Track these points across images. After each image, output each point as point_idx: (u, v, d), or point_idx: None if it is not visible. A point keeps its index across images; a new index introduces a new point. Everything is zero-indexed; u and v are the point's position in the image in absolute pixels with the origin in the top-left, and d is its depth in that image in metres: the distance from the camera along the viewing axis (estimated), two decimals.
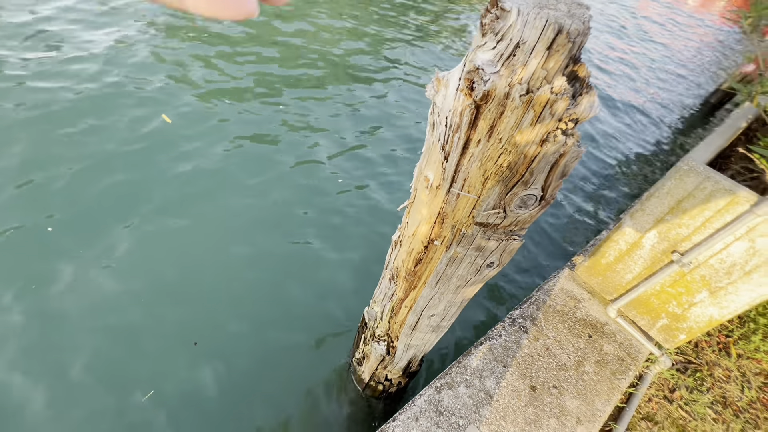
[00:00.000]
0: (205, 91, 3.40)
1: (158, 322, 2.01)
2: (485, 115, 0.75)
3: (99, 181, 2.53)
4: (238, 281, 2.27)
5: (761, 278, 1.38)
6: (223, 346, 2.00)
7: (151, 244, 2.30)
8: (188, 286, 2.19)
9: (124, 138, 2.82)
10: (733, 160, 1.91)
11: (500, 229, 0.90)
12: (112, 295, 2.06)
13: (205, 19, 4.13)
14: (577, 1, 0.70)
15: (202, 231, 2.44)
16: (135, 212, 2.43)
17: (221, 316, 2.12)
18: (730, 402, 1.79)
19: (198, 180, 2.70)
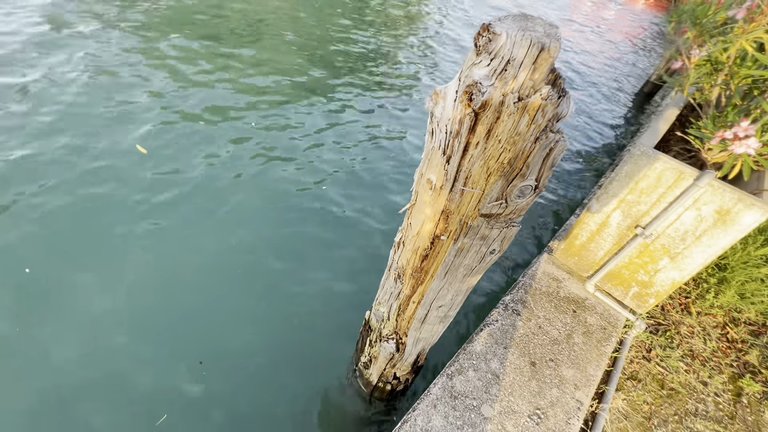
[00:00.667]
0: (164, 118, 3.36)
1: (159, 346, 1.98)
2: (483, 121, 0.88)
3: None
4: (226, 303, 2.27)
5: (709, 240, 1.61)
6: (226, 366, 2.00)
7: (141, 264, 2.25)
8: (180, 305, 2.17)
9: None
10: (673, 143, 2.19)
11: (501, 218, 1.03)
12: (106, 327, 2.00)
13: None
14: (549, 23, 0.85)
15: (189, 249, 2.42)
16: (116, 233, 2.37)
17: (219, 336, 2.11)
18: (697, 354, 2.03)
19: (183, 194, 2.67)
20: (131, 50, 3.98)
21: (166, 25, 4.53)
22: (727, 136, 1.36)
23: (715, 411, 1.80)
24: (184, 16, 4.83)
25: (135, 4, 4.82)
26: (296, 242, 2.67)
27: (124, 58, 3.84)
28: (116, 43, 4.04)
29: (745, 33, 1.41)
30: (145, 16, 4.61)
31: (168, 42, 4.26)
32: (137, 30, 4.32)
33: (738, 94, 1.65)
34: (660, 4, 12.35)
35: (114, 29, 4.22)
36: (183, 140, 3.15)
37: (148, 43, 4.15)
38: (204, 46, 4.35)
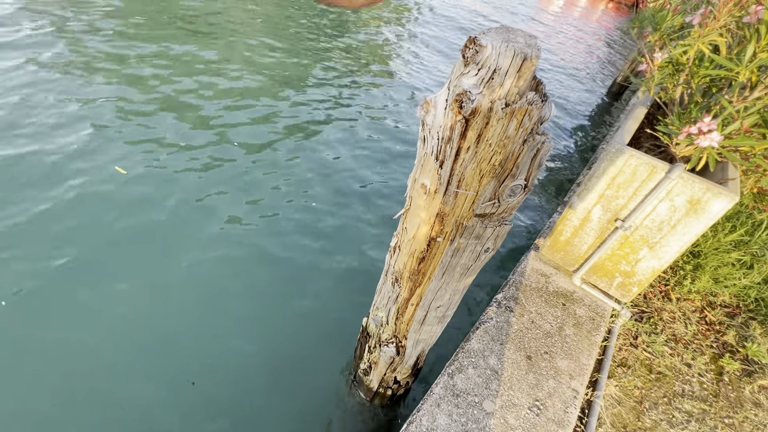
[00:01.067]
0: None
1: (152, 368, 1.94)
2: (473, 127, 0.94)
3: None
4: (214, 325, 2.25)
5: (684, 228, 1.71)
6: (219, 384, 1.98)
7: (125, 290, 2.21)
8: (169, 324, 2.13)
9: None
10: (644, 140, 2.32)
11: (495, 217, 1.09)
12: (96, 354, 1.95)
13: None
14: (529, 34, 0.92)
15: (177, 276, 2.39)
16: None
17: (210, 354, 2.09)
18: (679, 338, 2.14)
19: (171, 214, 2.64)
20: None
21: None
22: (692, 132, 1.47)
23: (700, 390, 1.90)
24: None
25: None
26: (287, 256, 2.68)
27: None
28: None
29: (701, 37, 1.54)
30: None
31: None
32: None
33: (699, 92, 1.78)
34: (621, 9, 13.00)
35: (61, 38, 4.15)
36: (160, 155, 3.12)
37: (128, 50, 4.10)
38: (163, 48, 4.33)
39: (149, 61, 4.19)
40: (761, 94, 1.48)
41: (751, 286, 2.45)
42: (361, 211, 3.15)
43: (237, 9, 5.72)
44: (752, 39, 1.42)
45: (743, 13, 1.46)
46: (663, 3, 2.19)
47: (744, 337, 2.21)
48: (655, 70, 1.79)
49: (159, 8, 5.31)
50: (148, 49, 4.36)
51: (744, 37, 1.58)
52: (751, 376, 2.02)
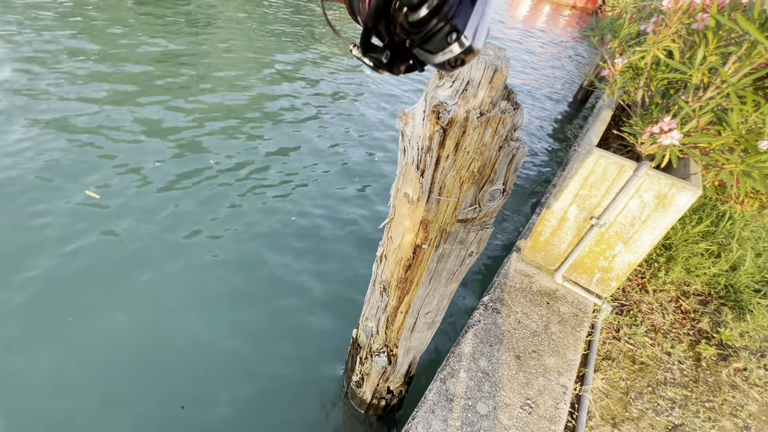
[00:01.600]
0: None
1: (138, 392, 1.87)
2: (451, 136, 0.98)
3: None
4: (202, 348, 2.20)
5: (654, 223, 1.80)
6: (208, 408, 1.93)
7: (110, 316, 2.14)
8: (154, 346, 2.07)
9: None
10: (612, 140, 2.44)
11: (476, 221, 1.13)
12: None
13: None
14: (498, 47, 0.97)
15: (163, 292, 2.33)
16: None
17: (199, 376, 2.03)
18: (658, 328, 2.22)
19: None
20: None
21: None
22: (654, 131, 1.56)
23: (681, 377, 1.97)
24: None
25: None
26: (271, 273, 2.65)
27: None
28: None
29: (655, 43, 1.64)
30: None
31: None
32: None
33: (658, 94, 1.90)
34: (582, 17, 13.64)
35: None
36: (138, 165, 3.05)
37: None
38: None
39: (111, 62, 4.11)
40: (713, 93, 1.59)
41: (720, 273, 2.58)
42: (344, 224, 3.16)
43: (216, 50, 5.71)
44: (701, 44, 1.54)
45: (692, 20, 1.58)
46: (620, 12, 2.33)
47: (717, 322, 2.32)
48: (617, 75, 1.90)
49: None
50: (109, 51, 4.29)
51: (694, 42, 1.70)
52: (727, 359, 2.11)
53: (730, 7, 1.51)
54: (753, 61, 1.42)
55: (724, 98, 1.55)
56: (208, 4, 6.63)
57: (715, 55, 1.53)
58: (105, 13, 5.52)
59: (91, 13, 5.42)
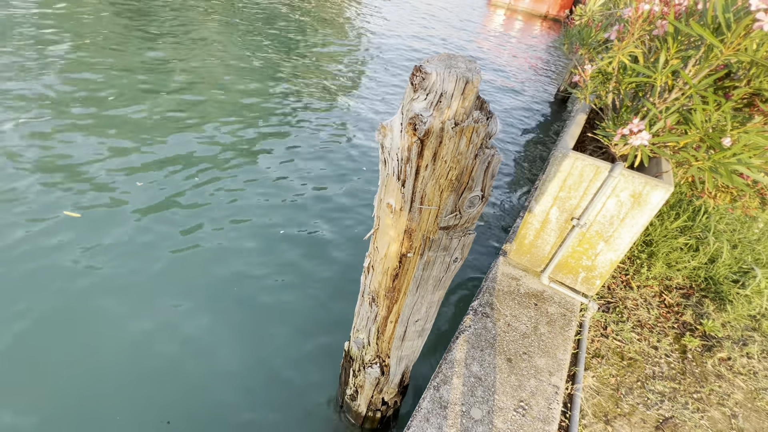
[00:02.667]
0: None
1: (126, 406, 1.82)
2: (428, 146, 1.01)
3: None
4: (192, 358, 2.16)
5: (632, 221, 1.86)
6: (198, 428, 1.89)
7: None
8: (143, 363, 2.02)
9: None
10: (587, 143, 2.52)
11: (458, 228, 1.15)
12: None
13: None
14: (468, 58, 1.01)
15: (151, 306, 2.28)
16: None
17: (187, 395, 1.99)
18: (644, 323, 2.27)
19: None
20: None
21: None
22: (625, 132, 1.62)
23: (668, 370, 2.02)
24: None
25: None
26: (256, 288, 2.63)
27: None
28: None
29: (620, 49, 1.73)
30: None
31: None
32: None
33: (628, 97, 1.98)
34: (554, 26, 14.12)
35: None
36: (123, 183, 3.01)
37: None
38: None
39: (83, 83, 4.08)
40: (678, 95, 1.67)
41: (699, 266, 2.66)
42: (327, 238, 3.16)
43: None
44: (663, 49, 1.62)
45: (652, 27, 1.66)
46: (587, 20, 2.44)
47: (700, 314, 2.39)
48: (588, 80, 1.98)
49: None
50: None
51: (657, 47, 1.79)
52: (711, 350, 2.17)
53: (687, 14, 1.61)
54: (711, 64, 1.50)
55: (687, 99, 1.63)
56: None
57: (676, 58, 1.62)
58: (80, 27, 5.48)
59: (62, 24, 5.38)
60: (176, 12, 6.76)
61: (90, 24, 5.82)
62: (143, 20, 6.28)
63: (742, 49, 1.37)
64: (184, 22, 6.42)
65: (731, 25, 1.35)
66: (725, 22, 1.36)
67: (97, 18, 6.08)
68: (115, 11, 6.38)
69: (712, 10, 1.42)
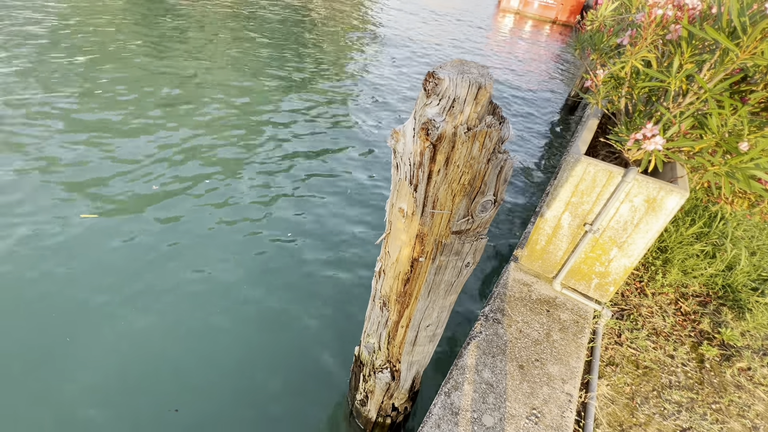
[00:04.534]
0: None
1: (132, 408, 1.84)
2: (441, 151, 1.01)
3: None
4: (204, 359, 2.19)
5: (646, 226, 1.84)
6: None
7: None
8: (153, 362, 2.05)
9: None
10: (599, 148, 2.50)
11: (470, 233, 1.15)
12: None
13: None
14: (480, 65, 1.02)
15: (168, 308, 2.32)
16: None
17: (197, 397, 2.01)
18: (659, 331, 2.23)
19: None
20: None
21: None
22: (638, 137, 1.61)
23: (685, 380, 1.97)
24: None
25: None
26: (271, 294, 2.65)
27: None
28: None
29: (633, 54, 1.72)
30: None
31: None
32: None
33: (641, 102, 1.96)
34: (563, 31, 14.06)
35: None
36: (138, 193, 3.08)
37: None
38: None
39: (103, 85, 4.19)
40: (692, 99, 1.65)
41: (716, 274, 2.60)
42: (339, 240, 3.18)
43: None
44: (677, 53, 1.61)
45: (665, 31, 1.65)
46: (599, 26, 2.43)
47: (717, 323, 2.33)
48: (600, 85, 1.97)
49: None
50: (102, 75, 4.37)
51: (670, 51, 1.77)
52: (730, 360, 2.11)
53: (701, 18, 1.59)
54: (726, 68, 1.49)
55: (702, 103, 1.61)
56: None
57: (690, 63, 1.60)
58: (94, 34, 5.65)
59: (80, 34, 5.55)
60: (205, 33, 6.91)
61: (110, 34, 6.00)
62: (168, 28, 6.44)
63: (758, 52, 1.35)
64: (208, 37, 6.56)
65: (747, 29, 1.33)
66: (741, 26, 1.35)
67: (117, 29, 6.25)
68: (134, 21, 6.56)
69: (727, 13, 1.41)
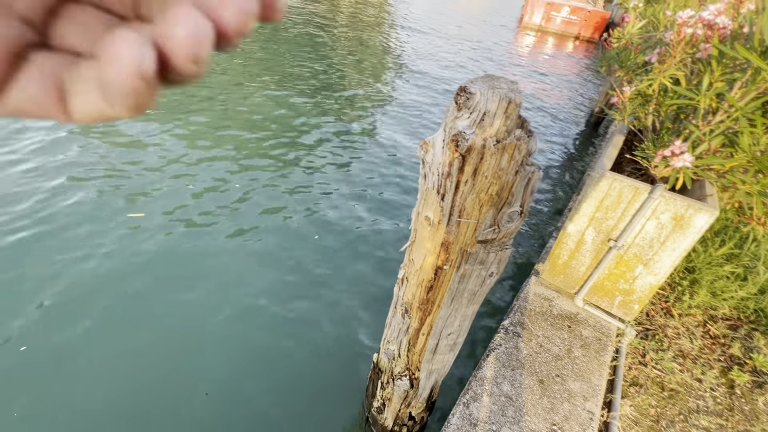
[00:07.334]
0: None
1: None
2: (469, 162, 1.05)
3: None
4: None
5: (673, 244, 1.81)
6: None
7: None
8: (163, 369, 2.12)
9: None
10: (625, 164, 2.48)
11: (496, 242, 1.18)
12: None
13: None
14: (510, 80, 1.06)
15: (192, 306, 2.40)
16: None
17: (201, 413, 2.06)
18: (687, 353, 2.16)
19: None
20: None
21: None
22: (666, 154, 1.60)
23: (714, 405, 1.90)
24: None
25: None
26: (286, 300, 2.71)
27: None
28: None
29: (661, 72, 1.72)
30: None
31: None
32: None
33: (669, 119, 1.95)
34: (587, 49, 13.98)
35: None
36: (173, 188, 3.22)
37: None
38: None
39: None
40: (723, 117, 1.64)
41: (748, 297, 2.51)
42: (359, 249, 3.22)
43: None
44: (707, 71, 1.61)
45: (695, 50, 1.66)
46: (626, 43, 2.44)
47: (749, 348, 2.24)
48: (626, 102, 1.97)
49: None
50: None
51: (699, 69, 1.77)
52: (762, 387, 2.03)
53: (732, 37, 1.59)
54: (758, 87, 1.48)
55: (733, 122, 1.60)
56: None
57: (720, 81, 1.60)
58: None
59: None
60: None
61: None
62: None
63: None
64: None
65: None
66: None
67: None
68: None
69: (759, 33, 1.41)
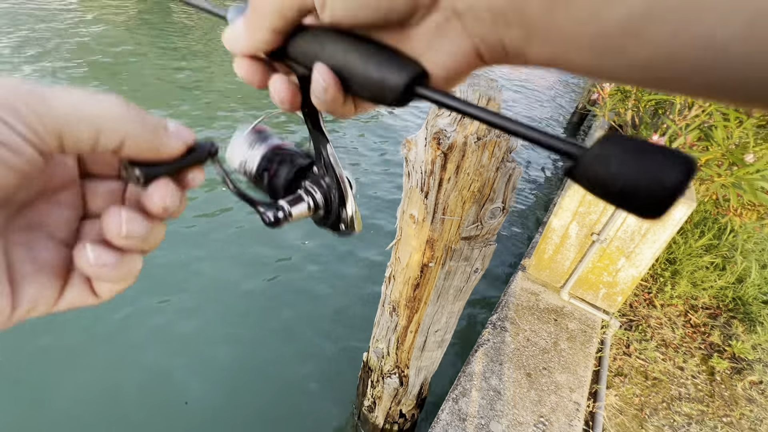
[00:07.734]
0: None
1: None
2: (452, 160, 1.06)
3: None
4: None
5: (653, 236, 1.85)
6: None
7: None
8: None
9: None
10: None
11: (479, 239, 1.19)
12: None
13: None
14: (489, 78, 1.07)
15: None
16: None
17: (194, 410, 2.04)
18: (669, 342, 2.22)
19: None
20: None
21: None
22: None
23: (695, 392, 1.95)
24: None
25: None
26: (272, 305, 2.69)
27: None
28: None
29: None
30: None
31: None
32: None
33: (647, 114, 2.00)
34: None
35: None
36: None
37: None
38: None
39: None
40: (698, 112, 1.68)
41: (726, 286, 2.59)
42: (343, 250, 3.22)
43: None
44: None
45: None
46: None
47: (728, 335, 2.31)
48: (607, 98, 2.01)
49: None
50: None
51: None
52: (741, 373, 2.09)
53: None
54: None
55: (708, 116, 1.64)
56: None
57: None
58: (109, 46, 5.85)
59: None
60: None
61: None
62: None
63: None
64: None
65: None
66: None
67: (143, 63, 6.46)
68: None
69: None
